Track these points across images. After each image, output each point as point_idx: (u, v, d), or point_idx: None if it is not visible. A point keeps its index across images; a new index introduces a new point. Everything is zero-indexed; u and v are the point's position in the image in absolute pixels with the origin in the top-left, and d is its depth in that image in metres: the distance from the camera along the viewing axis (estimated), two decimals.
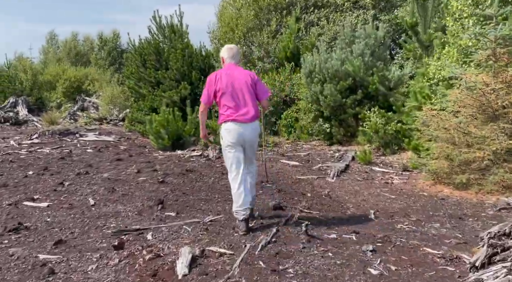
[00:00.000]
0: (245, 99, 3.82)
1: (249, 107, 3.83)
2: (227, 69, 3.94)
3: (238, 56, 4.04)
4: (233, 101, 3.80)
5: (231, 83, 3.82)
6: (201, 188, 5.63)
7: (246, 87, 3.85)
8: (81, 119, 15.85)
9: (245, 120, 3.81)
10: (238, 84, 3.83)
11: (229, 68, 3.94)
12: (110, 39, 25.94)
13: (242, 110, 3.80)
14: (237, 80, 3.84)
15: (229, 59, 3.97)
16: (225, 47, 4.10)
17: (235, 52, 4.01)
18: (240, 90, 3.83)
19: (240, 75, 3.89)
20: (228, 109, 3.82)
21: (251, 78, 3.92)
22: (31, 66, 21.94)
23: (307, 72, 9.40)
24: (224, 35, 13.70)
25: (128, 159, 7.95)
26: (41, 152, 8.86)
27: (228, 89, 3.81)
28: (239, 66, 4.08)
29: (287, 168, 7.09)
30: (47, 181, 6.15)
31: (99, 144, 9.96)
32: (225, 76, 3.85)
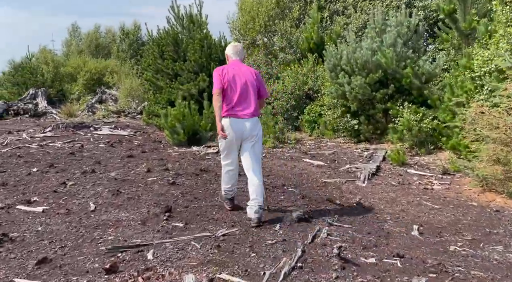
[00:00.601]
0: (248, 96, 3.85)
1: (251, 104, 3.85)
2: (232, 65, 3.95)
3: (242, 53, 4.06)
4: (236, 97, 3.81)
5: (236, 79, 3.83)
6: (215, 191, 4.95)
7: (250, 84, 3.86)
8: (99, 112, 15.44)
9: (245, 116, 3.83)
10: (242, 80, 3.85)
11: (235, 64, 3.97)
12: (132, 31, 25.53)
13: (244, 106, 3.83)
14: (242, 77, 3.86)
15: (234, 55, 4.02)
16: (230, 45, 4.13)
17: (240, 49, 4.06)
18: (244, 86, 3.84)
19: (245, 72, 3.92)
20: (230, 104, 3.83)
21: (256, 76, 3.95)
22: (53, 58, 21.74)
23: (331, 65, 8.57)
24: (244, 25, 12.94)
25: (140, 155, 7.34)
26: (52, 146, 8.37)
27: (232, 84, 3.82)
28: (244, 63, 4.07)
29: (311, 168, 6.34)
30: (50, 179, 5.59)
31: (113, 138, 9.42)
32: (231, 72, 3.86)
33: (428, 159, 6.83)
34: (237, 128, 3.82)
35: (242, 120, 3.82)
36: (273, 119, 9.00)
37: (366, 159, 6.87)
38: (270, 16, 12.06)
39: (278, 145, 8.58)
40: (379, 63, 7.78)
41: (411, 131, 7.07)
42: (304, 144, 8.90)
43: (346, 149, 8.03)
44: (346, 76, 8.17)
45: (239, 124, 3.82)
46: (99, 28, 26.47)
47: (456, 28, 7.61)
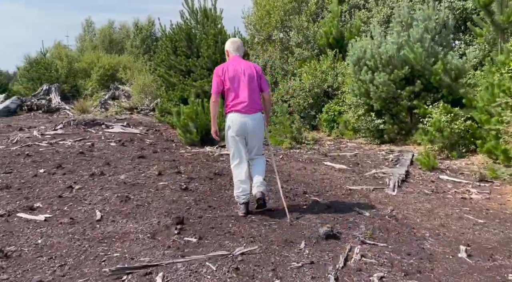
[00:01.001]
0: (250, 91, 3.86)
1: (253, 99, 3.87)
2: (233, 62, 3.96)
3: (242, 49, 4.07)
4: (238, 93, 3.84)
5: (237, 75, 3.86)
6: (231, 198, 4.51)
7: (251, 79, 3.88)
8: (112, 108, 15.15)
9: (249, 111, 3.85)
10: (244, 76, 3.86)
11: (235, 60, 3.98)
12: (145, 27, 25.24)
13: (246, 102, 3.83)
14: (242, 72, 3.87)
15: (234, 52, 4.02)
16: (229, 41, 4.13)
17: (239, 45, 4.06)
18: (245, 82, 3.86)
19: (245, 67, 3.92)
20: (233, 100, 3.86)
21: (256, 70, 3.96)
22: (67, 53, 21.57)
23: (355, 59, 8.03)
24: (260, 20, 12.43)
25: (151, 156, 6.96)
26: (62, 145, 8.05)
27: (234, 81, 3.85)
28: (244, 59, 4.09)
29: (333, 173, 5.85)
30: (57, 182, 5.23)
31: (124, 137, 9.07)
32: (231, 69, 3.87)
33: (460, 163, 6.28)
34: (241, 123, 3.86)
35: (245, 115, 3.85)
36: (290, 118, 8.52)
37: (392, 163, 6.36)
38: (286, 11, 11.53)
39: (295, 146, 8.11)
40: (405, 59, 7.23)
41: (442, 132, 6.53)
42: (323, 144, 8.41)
43: (369, 151, 7.52)
44: (369, 72, 7.64)
45: (242, 119, 3.86)
46: (113, 24, 26.30)
47: (492, 22, 7.00)
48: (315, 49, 10.55)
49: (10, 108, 14.83)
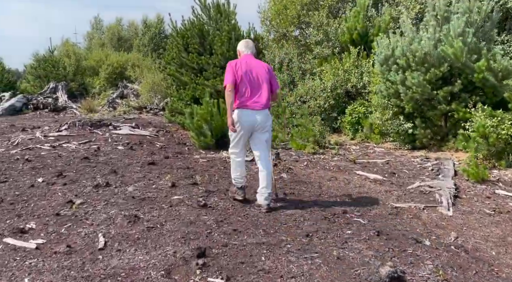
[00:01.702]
0: (261, 88, 3.88)
1: (263, 96, 3.89)
2: (246, 59, 3.98)
3: (254, 48, 4.10)
4: (250, 89, 3.85)
5: (249, 72, 3.87)
6: (259, 218, 3.77)
7: (263, 77, 3.90)
8: (120, 108, 14.47)
9: (258, 107, 3.87)
10: (255, 73, 3.89)
11: (247, 58, 3.99)
12: (154, 24, 24.55)
13: (256, 98, 3.86)
14: (254, 70, 3.90)
15: (246, 50, 4.05)
16: (241, 41, 4.19)
17: (251, 45, 4.11)
18: (257, 79, 3.88)
19: (257, 65, 3.95)
20: (244, 95, 3.86)
21: (268, 69, 3.99)
22: (75, 51, 20.94)
23: (382, 58, 7.24)
24: (276, 15, 11.64)
25: (162, 162, 6.23)
26: (66, 148, 7.35)
27: (246, 77, 3.85)
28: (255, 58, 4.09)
29: (369, 184, 5.08)
30: (56, 194, 4.52)
31: (133, 139, 8.36)
32: (244, 65, 3.89)
33: (511, 174, 5.47)
34: (249, 119, 3.88)
35: (253, 111, 3.86)
36: (312, 121, 7.74)
37: (433, 173, 5.56)
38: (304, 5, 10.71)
39: (319, 151, 7.34)
40: (443, 56, 6.42)
41: (486, 139, 5.72)
42: (348, 149, 7.63)
43: (401, 158, 6.73)
44: (400, 72, 6.84)
45: (250, 116, 3.87)
46: (121, 21, 25.65)
47: None
48: (336, 47, 9.74)
49: (15, 107, 14.22)
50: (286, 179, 5.31)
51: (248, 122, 3.88)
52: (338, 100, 9.23)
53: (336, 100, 9.19)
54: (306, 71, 10.34)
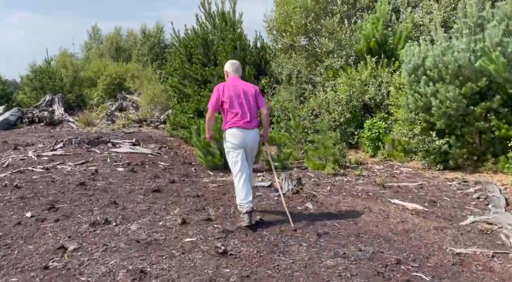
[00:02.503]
0: (249, 109, 4.04)
1: (252, 116, 4.05)
2: (233, 81, 4.13)
3: (240, 70, 4.27)
4: (238, 110, 4.00)
5: (237, 94, 4.02)
6: (294, 272, 3.04)
7: (250, 98, 4.07)
8: (119, 121, 13.76)
9: (248, 127, 4.02)
10: (243, 95, 4.04)
11: (234, 80, 4.15)
12: (153, 34, 23.93)
13: (246, 119, 4.02)
14: (242, 91, 4.05)
15: (233, 72, 4.20)
16: (228, 62, 4.29)
17: (238, 67, 4.25)
18: (244, 100, 4.03)
19: (244, 87, 4.12)
20: (234, 117, 4.02)
21: (254, 90, 4.15)
22: (72, 61, 20.25)
23: (410, 68, 6.57)
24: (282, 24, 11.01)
25: (168, 188, 5.51)
26: (60, 170, 6.62)
27: (234, 99, 4.01)
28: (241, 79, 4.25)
29: (412, 218, 4.36)
30: (45, 235, 3.79)
31: (134, 159, 7.63)
32: (232, 87, 4.05)
33: None
34: (241, 137, 4.01)
35: (245, 130, 4.01)
36: (331, 137, 7.04)
37: (481, 202, 4.85)
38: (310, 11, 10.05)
39: (340, 171, 6.64)
40: (481, 70, 5.76)
41: None
42: (371, 169, 6.93)
43: (434, 180, 6.02)
44: (431, 84, 6.17)
45: (242, 134, 4.01)
46: (120, 31, 25.02)
47: None
48: (350, 56, 9.09)
49: (9, 121, 13.48)
50: (312, 210, 4.59)
51: (240, 141, 4.03)
52: (355, 113, 8.56)
53: (352, 113, 8.51)
54: (317, 83, 9.68)
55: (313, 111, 9.11)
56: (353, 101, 8.25)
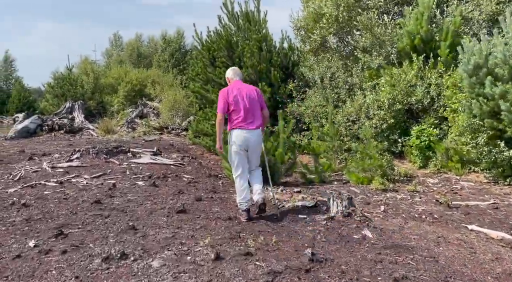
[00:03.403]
0: (252, 110, 4.22)
1: (255, 117, 4.23)
2: (236, 85, 4.34)
3: (240, 74, 4.50)
4: (242, 112, 4.17)
5: (240, 96, 4.21)
6: None
7: (253, 100, 4.25)
8: (140, 128, 13.12)
9: (251, 127, 4.19)
10: (247, 97, 4.22)
11: (238, 84, 4.36)
12: (174, 40, 23.46)
13: (249, 120, 4.19)
14: (246, 94, 4.24)
15: (235, 76, 4.43)
16: (228, 70, 4.53)
17: (237, 71, 4.51)
18: (248, 102, 4.20)
19: (248, 90, 4.31)
20: (238, 118, 4.18)
21: (257, 92, 4.36)
22: (93, 68, 19.88)
23: (470, 68, 5.60)
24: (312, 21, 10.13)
25: (195, 208, 4.69)
26: (75, 184, 5.91)
27: (238, 102, 4.18)
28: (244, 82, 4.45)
29: (505, 253, 3.40)
30: (48, 274, 3.02)
31: (155, 170, 6.88)
32: (235, 91, 4.25)
33: None
34: (244, 138, 4.17)
35: (249, 131, 4.17)
36: (377, 146, 6.11)
37: None
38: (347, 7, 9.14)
39: (389, 186, 5.69)
40: None
41: None
42: (425, 183, 5.95)
43: (507, 198, 5.01)
44: (499, 85, 5.19)
45: (246, 134, 4.17)
46: (141, 37, 24.67)
47: None
48: (390, 54, 8.14)
49: (29, 129, 13.01)
50: (373, 240, 3.68)
51: (243, 142, 4.17)
52: (398, 119, 7.60)
53: (395, 119, 7.55)
54: (353, 86, 8.76)
55: (349, 117, 8.20)
56: (396, 104, 7.30)
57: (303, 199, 4.89)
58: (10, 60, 23.41)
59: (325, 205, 4.48)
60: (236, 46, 10.12)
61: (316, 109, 8.87)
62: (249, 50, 9.40)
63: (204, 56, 10.28)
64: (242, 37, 10.15)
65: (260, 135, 4.29)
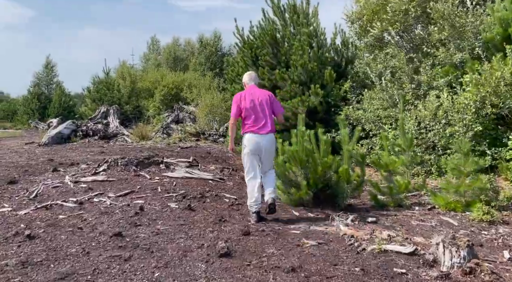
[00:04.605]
0: (265, 115, 4.30)
1: (267, 122, 4.30)
2: (250, 90, 4.46)
3: (257, 79, 4.66)
4: (255, 117, 4.28)
5: (253, 102, 4.31)
6: None
7: (266, 105, 4.33)
8: (175, 134, 12.15)
9: (263, 132, 4.27)
10: (259, 103, 4.31)
11: (252, 89, 4.47)
12: (211, 43, 22.60)
13: (261, 124, 4.27)
14: (258, 99, 4.33)
15: (250, 81, 4.54)
16: (245, 75, 4.65)
17: (254, 76, 4.60)
18: (260, 107, 4.31)
19: (260, 95, 4.40)
20: (250, 122, 4.29)
21: (269, 97, 4.44)
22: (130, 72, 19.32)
23: None
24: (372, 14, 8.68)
25: (242, 248, 3.45)
26: (96, 205, 4.86)
27: (251, 107, 4.29)
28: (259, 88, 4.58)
29: None
30: None
31: (191, 187, 5.74)
32: (248, 96, 4.36)
33: None
34: (256, 142, 4.25)
35: (259, 135, 4.25)
36: (478, 162, 4.61)
37: None
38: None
39: (494, 215, 4.19)
40: None
41: None
42: None
43: None
44: None
45: (257, 139, 4.25)
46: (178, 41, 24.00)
47: None
48: (474, 48, 6.56)
49: (63, 135, 12.38)
50: None
51: (255, 145, 4.24)
52: (486, 125, 6.03)
53: (483, 125, 5.99)
54: (422, 85, 7.24)
55: (422, 122, 6.71)
56: (486, 108, 5.74)
57: (390, 238, 3.50)
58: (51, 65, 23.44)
59: (429, 251, 3.08)
60: (282, 42, 8.86)
61: (377, 113, 7.43)
62: (299, 47, 8.10)
63: (246, 55, 9.09)
64: (289, 32, 8.87)
65: (273, 139, 4.37)
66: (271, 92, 8.53)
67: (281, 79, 8.39)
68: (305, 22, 8.56)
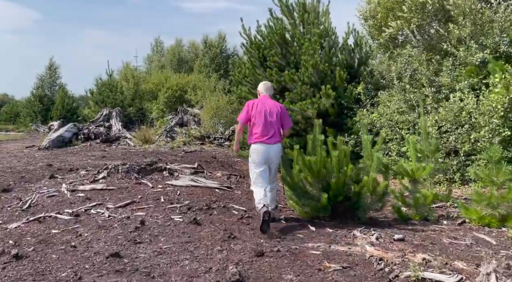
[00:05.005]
0: (273, 126, 4.33)
1: (275, 132, 4.34)
2: (262, 99, 4.49)
3: (271, 90, 4.66)
4: (263, 126, 4.30)
5: (264, 112, 4.33)
6: None
7: (275, 116, 4.36)
8: (179, 138, 11.73)
9: (270, 142, 4.29)
10: (269, 113, 4.34)
11: (264, 99, 4.50)
12: (215, 44, 22.19)
13: (269, 135, 4.29)
14: (268, 110, 4.36)
15: (264, 91, 4.58)
16: (261, 84, 4.69)
17: (269, 87, 4.64)
18: (270, 118, 4.33)
19: (271, 106, 4.42)
20: (258, 132, 4.31)
21: (280, 109, 4.45)
22: (133, 74, 18.95)
23: None
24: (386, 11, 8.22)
25: (256, 272, 3.02)
26: (93, 218, 4.44)
27: (260, 116, 4.32)
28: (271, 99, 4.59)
29: None
30: None
31: (197, 197, 5.30)
32: (260, 105, 4.38)
33: None
34: (264, 152, 4.28)
35: (268, 146, 4.29)
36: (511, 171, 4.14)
37: None
38: None
39: None
40: None
41: None
42: None
43: None
44: None
45: (265, 149, 4.28)
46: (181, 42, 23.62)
47: None
48: (500, 46, 6.09)
49: (64, 138, 11.99)
50: None
51: (262, 155, 4.27)
52: None
53: (510, 130, 5.52)
54: (442, 86, 6.77)
55: (442, 126, 6.24)
56: None
57: (426, 263, 3.04)
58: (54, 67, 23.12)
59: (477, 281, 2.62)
60: (291, 42, 8.42)
61: (393, 117, 6.97)
62: (309, 46, 7.66)
63: (253, 55, 8.66)
64: (298, 32, 8.43)
65: (280, 149, 4.40)
66: (280, 94, 8.25)
67: (291, 81, 7.95)
68: (315, 21, 8.12)
